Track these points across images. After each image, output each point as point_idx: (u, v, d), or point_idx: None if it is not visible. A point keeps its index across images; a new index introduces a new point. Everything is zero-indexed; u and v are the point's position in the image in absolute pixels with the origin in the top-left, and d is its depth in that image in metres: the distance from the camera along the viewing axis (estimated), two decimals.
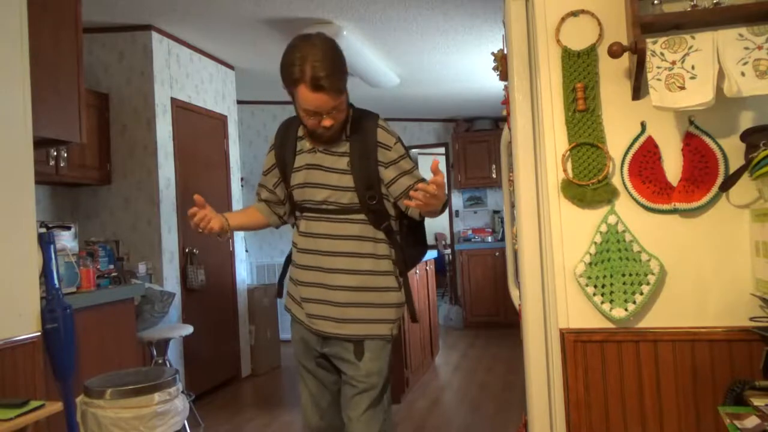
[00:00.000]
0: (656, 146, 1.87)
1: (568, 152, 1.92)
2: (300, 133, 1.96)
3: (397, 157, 1.90)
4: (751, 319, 1.75)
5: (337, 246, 1.89)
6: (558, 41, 1.94)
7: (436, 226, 9.03)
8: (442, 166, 8.03)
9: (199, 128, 4.84)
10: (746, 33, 1.65)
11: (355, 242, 1.89)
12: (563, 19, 1.94)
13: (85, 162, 4.00)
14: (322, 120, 1.79)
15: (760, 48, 1.63)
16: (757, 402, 1.50)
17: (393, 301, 1.93)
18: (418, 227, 2.04)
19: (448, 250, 8.53)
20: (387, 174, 1.89)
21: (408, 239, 2.01)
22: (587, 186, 1.90)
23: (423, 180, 1.89)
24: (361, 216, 1.89)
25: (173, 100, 4.50)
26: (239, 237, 5.35)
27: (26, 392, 2.34)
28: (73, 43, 3.04)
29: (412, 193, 1.67)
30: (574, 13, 1.94)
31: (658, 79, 1.69)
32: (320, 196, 1.89)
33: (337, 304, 1.89)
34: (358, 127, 1.90)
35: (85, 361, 2.84)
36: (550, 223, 1.94)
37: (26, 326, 2.40)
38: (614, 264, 1.86)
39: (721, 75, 1.67)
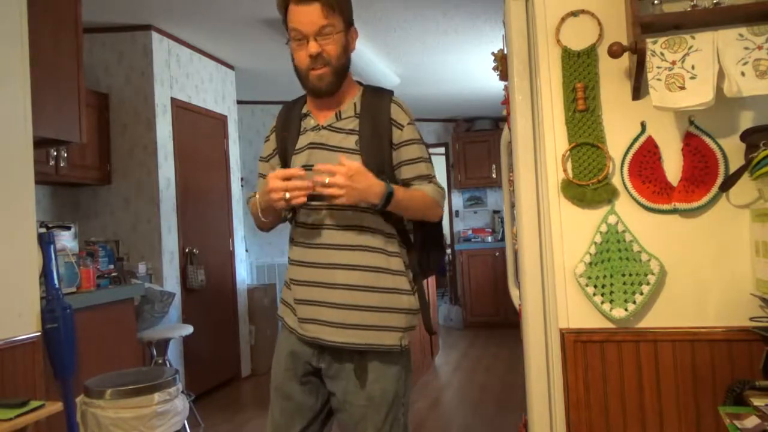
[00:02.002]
0: (656, 146, 1.87)
1: (568, 152, 1.92)
2: (305, 110, 1.74)
3: (406, 140, 1.67)
4: (751, 319, 1.75)
5: (342, 238, 1.62)
6: (558, 41, 1.94)
7: None
8: (440, 168, 8.02)
9: (199, 128, 4.84)
10: (746, 33, 1.65)
11: (363, 235, 1.62)
12: (563, 19, 1.94)
13: (85, 162, 4.00)
14: (308, 48, 1.57)
15: (760, 48, 1.63)
16: (757, 402, 1.50)
17: (404, 306, 1.65)
18: (435, 227, 1.79)
19: (448, 250, 8.54)
20: (394, 157, 1.68)
21: (427, 240, 1.76)
22: (587, 186, 1.90)
23: (429, 176, 1.70)
24: None
25: (173, 100, 4.50)
26: (239, 237, 5.35)
27: (26, 392, 2.34)
28: (73, 43, 3.04)
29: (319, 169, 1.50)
30: (574, 13, 1.94)
31: (658, 79, 1.69)
32: (323, 179, 1.60)
33: (335, 305, 1.61)
34: (370, 104, 1.68)
35: (85, 361, 2.84)
36: (550, 223, 1.94)
37: (26, 326, 2.40)
38: (614, 264, 1.86)
39: (721, 75, 1.67)
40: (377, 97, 1.71)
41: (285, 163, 1.73)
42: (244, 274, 5.40)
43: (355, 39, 1.70)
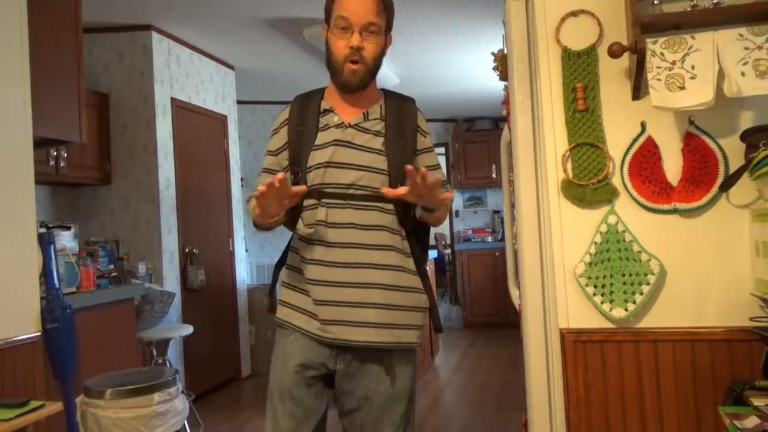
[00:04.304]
0: (656, 146, 1.87)
1: (568, 152, 1.92)
2: (325, 105, 1.70)
3: (427, 147, 1.72)
4: (751, 319, 1.75)
5: (366, 238, 1.60)
6: (558, 41, 1.94)
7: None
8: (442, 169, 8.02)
9: (199, 128, 4.84)
10: (746, 33, 1.65)
11: (386, 234, 1.62)
12: (563, 19, 1.94)
13: (85, 162, 4.00)
14: (351, 40, 1.58)
15: (760, 48, 1.63)
16: (757, 402, 1.50)
17: (422, 305, 1.68)
18: (426, 233, 1.79)
19: (448, 250, 8.53)
20: (416, 162, 1.67)
21: (420, 244, 1.76)
22: (587, 186, 1.90)
23: (446, 183, 1.70)
24: (390, 206, 1.63)
25: (173, 100, 4.50)
26: (239, 237, 5.35)
27: (26, 392, 2.34)
28: (73, 43, 3.04)
29: (422, 170, 1.44)
30: (574, 13, 1.94)
31: (658, 79, 1.69)
32: (348, 178, 1.60)
33: (368, 305, 1.59)
34: (395, 107, 1.70)
35: (85, 361, 2.84)
36: (550, 223, 1.94)
37: (26, 326, 2.40)
38: (614, 264, 1.86)
39: (721, 75, 1.67)
40: (402, 103, 1.72)
41: (298, 157, 1.67)
42: (244, 274, 5.40)
43: (389, 45, 1.70)
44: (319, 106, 1.70)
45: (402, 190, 1.46)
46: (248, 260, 6.27)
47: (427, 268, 1.81)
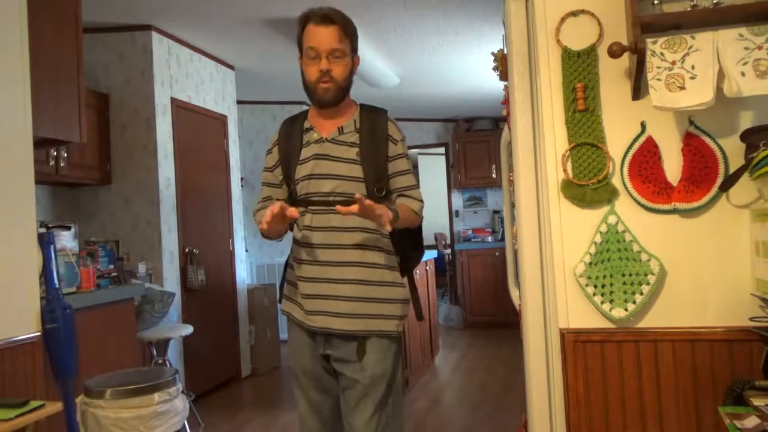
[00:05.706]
0: (656, 146, 1.87)
1: (568, 152, 1.92)
2: (307, 125, 1.95)
3: (399, 154, 1.92)
4: (751, 319, 1.75)
5: (345, 238, 1.85)
6: (558, 41, 1.94)
7: (436, 226, 9.04)
8: (440, 168, 8.05)
9: (199, 128, 4.84)
10: (746, 33, 1.65)
11: (363, 234, 1.86)
12: (563, 19, 1.94)
13: (85, 162, 4.00)
14: (320, 65, 1.81)
15: (760, 48, 1.63)
16: (757, 402, 1.50)
17: (399, 297, 1.91)
18: (415, 231, 2.02)
19: (448, 250, 8.53)
20: (389, 168, 1.92)
21: (406, 242, 1.98)
22: (587, 186, 1.90)
23: (415, 187, 1.94)
24: None
25: (173, 100, 4.50)
26: (239, 237, 5.35)
27: (26, 392, 2.34)
28: (73, 43, 3.04)
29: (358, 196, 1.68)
30: (574, 13, 1.94)
31: (658, 79, 1.69)
32: (327, 187, 1.86)
33: (341, 297, 1.85)
34: (369, 119, 1.92)
35: (85, 361, 2.83)
36: (550, 223, 1.94)
37: (26, 326, 2.40)
38: (614, 264, 1.86)
39: (721, 75, 1.67)
40: (374, 114, 1.95)
41: (288, 173, 1.94)
42: (244, 274, 5.40)
43: (357, 64, 1.93)
44: (302, 126, 1.96)
45: (354, 208, 1.67)
46: (248, 260, 6.27)
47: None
